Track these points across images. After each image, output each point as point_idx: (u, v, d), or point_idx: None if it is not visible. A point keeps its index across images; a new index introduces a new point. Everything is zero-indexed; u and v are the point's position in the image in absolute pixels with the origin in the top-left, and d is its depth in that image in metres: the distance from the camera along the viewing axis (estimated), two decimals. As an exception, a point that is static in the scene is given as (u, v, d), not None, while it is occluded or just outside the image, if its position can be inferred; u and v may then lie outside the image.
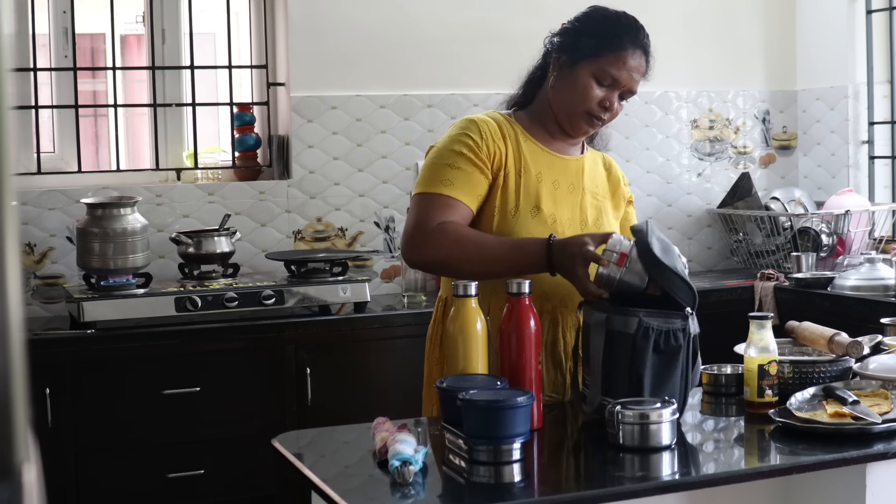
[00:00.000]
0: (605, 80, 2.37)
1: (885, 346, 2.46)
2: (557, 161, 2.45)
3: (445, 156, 2.37)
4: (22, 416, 0.91)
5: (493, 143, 2.38)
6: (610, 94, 2.38)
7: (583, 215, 2.44)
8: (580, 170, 2.48)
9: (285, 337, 3.50)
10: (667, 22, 4.53)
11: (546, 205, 2.39)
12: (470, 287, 2.11)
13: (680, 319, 2.11)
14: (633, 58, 2.38)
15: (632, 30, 2.41)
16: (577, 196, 2.45)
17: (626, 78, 2.37)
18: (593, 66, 2.37)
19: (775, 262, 4.31)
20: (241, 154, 4.10)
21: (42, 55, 3.92)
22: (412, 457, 1.81)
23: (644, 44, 2.41)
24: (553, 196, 2.41)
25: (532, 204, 2.38)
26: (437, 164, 2.37)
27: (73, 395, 3.30)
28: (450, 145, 2.38)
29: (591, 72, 2.37)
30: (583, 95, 2.38)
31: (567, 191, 2.44)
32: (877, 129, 4.58)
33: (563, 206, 2.42)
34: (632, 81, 2.39)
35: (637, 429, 1.94)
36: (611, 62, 2.36)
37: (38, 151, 3.83)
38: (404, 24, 4.16)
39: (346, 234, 4.11)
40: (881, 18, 4.55)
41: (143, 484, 3.38)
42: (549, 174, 2.43)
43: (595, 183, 2.51)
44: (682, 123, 4.62)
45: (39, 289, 3.74)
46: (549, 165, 2.44)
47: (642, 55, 2.40)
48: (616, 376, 2.10)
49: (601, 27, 2.41)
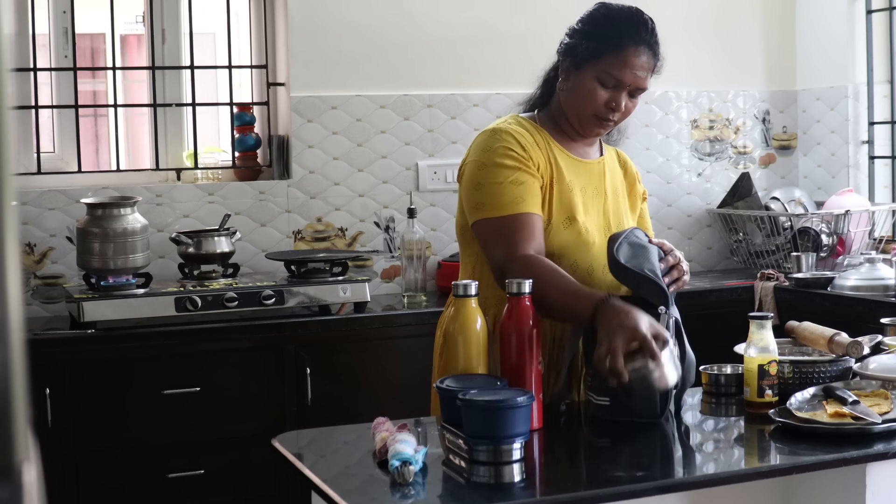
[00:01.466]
0: (609, 81, 2.34)
1: (885, 346, 2.46)
2: (582, 166, 2.44)
3: (498, 173, 2.30)
4: (22, 416, 0.91)
5: (533, 151, 2.35)
6: (616, 94, 2.34)
7: (606, 220, 2.44)
8: (602, 173, 2.47)
9: (285, 337, 3.50)
10: (667, 22, 4.50)
11: (579, 214, 2.37)
12: (470, 287, 2.11)
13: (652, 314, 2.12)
14: (635, 56, 2.33)
15: (633, 27, 2.35)
16: (601, 201, 2.44)
17: (631, 77, 2.33)
18: (596, 69, 2.34)
19: (775, 262, 4.31)
20: (241, 154, 4.10)
21: (42, 55, 3.92)
22: (412, 457, 1.81)
23: (647, 39, 2.36)
24: (583, 203, 2.40)
25: (566, 215, 2.35)
26: (495, 183, 2.29)
27: (73, 395, 3.30)
28: (497, 159, 2.31)
29: (594, 74, 2.34)
30: (588, 99, 2.35)
31: (593, 196, 2.43)
32: (877, 129, 4.58)
33: (591, 212, 2.41)
34: (637, 80, 2.34)
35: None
36: (612, 63, 2.33)
37: (38, 151, 3.83)
38: (404, 24, 4.16)
39: (346, 234, 4.11)
40: (881, 18, 4.55)
41: (143, 484, 3.38)
42: (577, 181, 2.41)
43: (615, 184, 2.50)
44: (682, 123, 4.62)
45: (39, 289, 3.75)
46: (577, 172, 2.42)
47: (646, 51, 2.35)
48: (596, 373, 2.12)
49: (601, 27, 2.38)
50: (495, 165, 2.31)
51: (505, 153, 2.31)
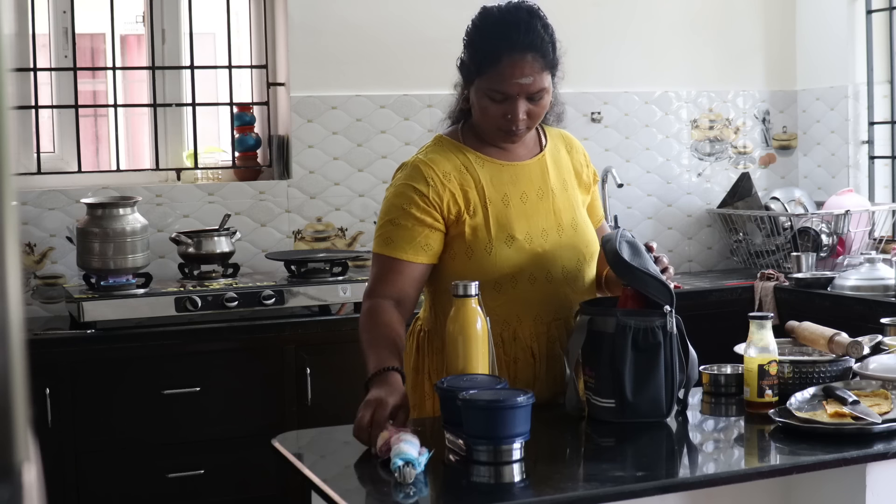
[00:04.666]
0: (496, 96, 2.24)
1: (885, 346, 2.46)
2: (520, 171, 2.36)
3: (389, 210, 2.30)
4: (22, 416, 0.91)
5: (442, 187, 2.28)
6: (510, 106, 2.24)
7: (557, 218, 2.35)
8: (544, 170, 2.38)
9: (285, 337, 3.50)
10: (667, 22, 4.53)
11: (519, 227, 2.31)
12: (470, 287, 2.11)
13: (658, 317, 2.14)
14: (512, 67, 2.21)
15: (503, 36, 2.23)
16: (547, 201, 2.36)
17: (516, 87, 2.22)
18: (483, 86, 2.25)
19: (775, 262, 4.31)
20: (241, 154, 4.10)
21: (42, 55, 3.92)
22: (416, 458, 1.81)
23: (524, 41, 2.22)
24: (524, 213, 2.32)
25: (505, 233, 2.29)
26: (383, 219, 2.31)
27: (73, 395, 3.30)
28: (393, 199, 2.30)
29: (482, 92, 2.27)
30: (484, 115, 2.29)
31: (537, 199, 2.35)
32: (877, 129, 4.58)
33: (536, 218, 2.34)
34: (524, 87, 2.22)
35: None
36: (493, 79, 2.23)
37: (38, 151, 3.83)
38: (404, 25, 4.16)
39: (346, 234, 4.11)
40: (881, 18, 4.55)
41: (143, 484, 3.38)
42: (514, 191, 2.33)
43: (561, 175, 2.41)
44: (682, 123, 4.62)
45: (39, 289, 3.75)
46: (513, 180, 2.34)
47: (526, 54, 2.22)
48: (599, 375, 2.15)
49: (475, 42, 2.29)
50: (392, 205, 2.30)
51: (404, 193, 2.29)
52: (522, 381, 2.29)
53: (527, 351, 2.32)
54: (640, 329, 2.12)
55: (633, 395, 2.12)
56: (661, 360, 2.13)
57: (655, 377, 2.13)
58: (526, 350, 2.32)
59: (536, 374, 2.32)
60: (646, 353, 2.13)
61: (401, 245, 2.27)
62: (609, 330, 2.13)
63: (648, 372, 2.13)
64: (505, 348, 2.31)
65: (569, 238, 2.35)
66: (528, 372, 2.32)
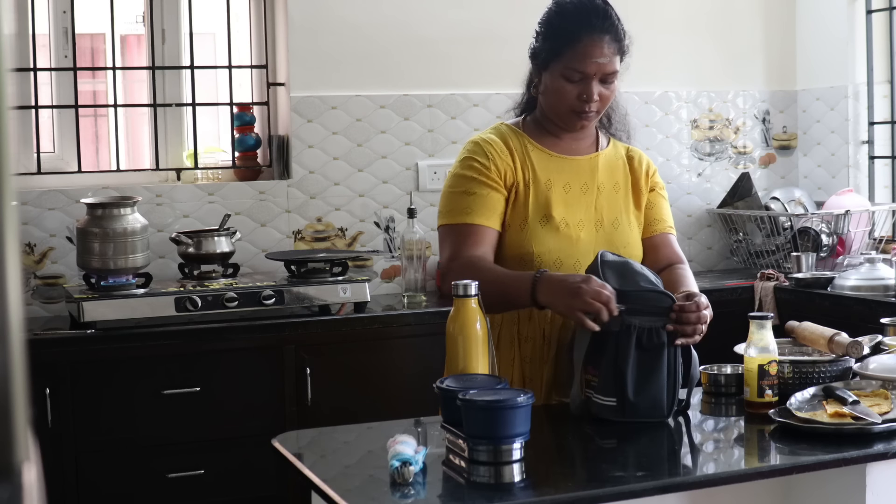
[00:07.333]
0: (574, 76, 2.38)
1: (885, 346, 2.47)
2: (567, 163, 2.47)
3: (458, 183, 2.43)
4: (22, 416, 0.91)
5: (500, 160, 2.42)
6: (585, 86, 2.38)
7: (598, 215, 2.46)
8: (593, 168, 2.49)
9: (285, 337, 3.50)
10: (667, 22, 4.53)
11: (557, 211, 2.41)
12: (470, 287, 2.11)
13: (662, 318, 2.17)
14: (592, 46, 2.35)
15: (584, 18, 2.38)
16: (590, 196, 2.47)
17: (594, 67, 2.36)
18: (559, 67, 2.39)
19: (775, 262, 4.31)
20: (241, 154, 4.10)
21: (42, 55, 3.92)
22: (412, 457, 1.82)
23: (602, 25, 2.37)
24: (564, 200, 2.43)
25: (542, 213, 2.40)
26: (453, 192, 2.42)
27: (73, 395, 3.30)
28: (460, 171, 2.44)
29: (558, 72, 2.39)
30: (559, 96, 2.40)
31: (580, 192, 2.46)
32: (877, 129, 4.58)
33: (577, 208, 2.44)
34: (601, 67, 2.37)
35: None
36: (572, 58, 2.37)
37: (38, 151, 3.83)
38: (404, 25, 4.16)
39: (346, 234, 4.11)
40: (881, 18, 4.55)
41: (143, 484, 3.38)
42: (559, 178, 2.45)
43: (613, 178, 2.52)
44: (682, 123, 4.62)
45: (39, 289, 3.74)
46: (559, 169, 2.46)
47: (604, 36, 2.37)
48: (602, 373, 2.16)
49: (555, 25, 2.42)
50: (457, 176, 2.44)
51: (468, 165, 2.43)
52: (528, 361, 2.38)
53: (538, 332, 2.40)
54: (644, 329, 2.15)
55: (635, 395, 2.13)
56: (663, 361, 2.15)
57: (657, 377, 2.15)
58: (538, 331, 2.40)
59: (543, 357, 2.40)
60: (649, 353, 2.15)
61: (476, 210, 2.38)
62: (613, 328, 2.15)
63: (651, 372, 2.15)
64: (519, 326, 2.40)
65: (606, 234, 2.45)
66: (535, 352, 2.40)
